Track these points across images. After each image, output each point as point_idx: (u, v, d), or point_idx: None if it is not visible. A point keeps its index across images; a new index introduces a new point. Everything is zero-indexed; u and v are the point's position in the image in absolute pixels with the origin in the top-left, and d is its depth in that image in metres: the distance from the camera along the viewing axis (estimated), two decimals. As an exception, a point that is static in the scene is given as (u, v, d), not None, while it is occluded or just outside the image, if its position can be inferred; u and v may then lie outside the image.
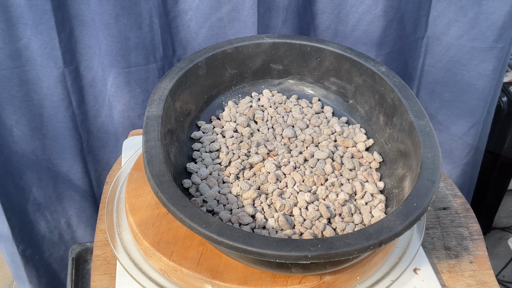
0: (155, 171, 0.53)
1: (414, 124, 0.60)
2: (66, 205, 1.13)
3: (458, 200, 0.78)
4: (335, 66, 0.71)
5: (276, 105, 0.74)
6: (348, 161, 0.66)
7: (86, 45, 0.93)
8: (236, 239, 0.47)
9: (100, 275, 0.65)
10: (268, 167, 0.64)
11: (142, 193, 0.66)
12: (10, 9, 0.84)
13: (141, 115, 1.02)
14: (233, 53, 0.71)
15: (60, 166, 1.07)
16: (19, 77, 0.92)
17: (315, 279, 0.56)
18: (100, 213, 0.73)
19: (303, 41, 0.71)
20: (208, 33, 0.95)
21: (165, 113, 0.61)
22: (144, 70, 0.97)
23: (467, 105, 1.09)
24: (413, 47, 1.05)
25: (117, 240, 0.63)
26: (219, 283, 0.55)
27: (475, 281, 0.65)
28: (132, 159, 0.76)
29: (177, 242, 0.59)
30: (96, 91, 1.00)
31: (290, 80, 0.76)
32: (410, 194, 0.52)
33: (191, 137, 0.69)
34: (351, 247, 0.47)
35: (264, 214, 0.59)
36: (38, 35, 0.88)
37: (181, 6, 0.92)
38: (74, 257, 0.82)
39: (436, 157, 0.56)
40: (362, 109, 0.71)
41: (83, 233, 1.19)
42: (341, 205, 0.60)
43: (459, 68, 1.05)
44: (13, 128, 0.97)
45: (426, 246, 0.69)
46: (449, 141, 1.16)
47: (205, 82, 0.71)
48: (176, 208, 0.50)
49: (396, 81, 0.65)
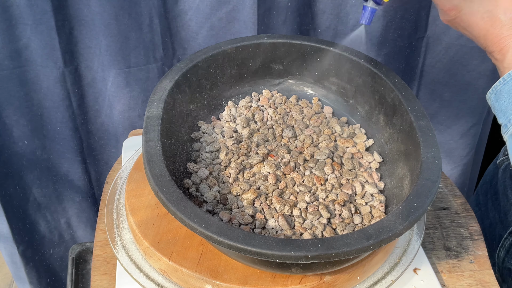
0: (155, 171, 0.53)
1: (414, 124, 0.60)
2: (66, 205, 1.13)
3: (458, 200, 0.78)
4: (335, 66, 0.71)
5: (276, 105, 0.74)
6: (348, 161, 0.66)
7: (86, 45, 0.93)
8: (236, 239, 0.47)
9: (100, 275, 0.65)
10: (268, 167, 0.64)
11: (142, 193, 0.66)
12: (10, 9, 0.84)
13: (141, 115, 1.02)
14: (233, 53, 0.71)
15: (60, 166, 1.07)
16: (19, 77, 0.92)
17: (315, 279, 0.56)
18: (100, 213, 0.73)
19: (303, 41, 0.71)
20: (208, 33, 0.95)
21: (165, 113, 0.61)
22: (144, 70, 0.97)
23: (467, 105, 1.09)
24: (413, 47, 1.05)
25: (117, 240, 0.63)
26: (219, 283, 0.55)
27: (475, 281, 0.65)
28: (132, 159, 0.76)
29: (177, 242, 0.59)
30: (96, 91, 0.99)
31: (290, 80, 0.76)
32: (410, 194, 0.52)
33: (191, 137, 0.69)
34: (351, 247, 0.47)
35: (264, 214, 0.59)
36: (38, 35, 0.88)
37: (181, 6, 0.92)
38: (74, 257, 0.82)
39: (436, 157, 0.56)
40: (362, 109, 0.71)
41: (83, 233, 1.19)
42: (341, 205, 0.60)
43: (459, 68, 1.05)
44: (13, 128, 0.97)
45: (426, 246, 0.69)
46: (449, 141, 1.16)
47: (205, 82, 0.71)
48: (176, 208, 0.50)
49: (396, 81, 0.65)
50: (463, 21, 0.60)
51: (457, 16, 0.60)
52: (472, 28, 0.60)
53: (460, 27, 0.62)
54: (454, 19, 0.60)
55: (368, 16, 0.63)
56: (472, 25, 0.60)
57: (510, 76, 0.58)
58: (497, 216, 0.84)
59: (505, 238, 0.81)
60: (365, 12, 0.63)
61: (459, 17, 0.60)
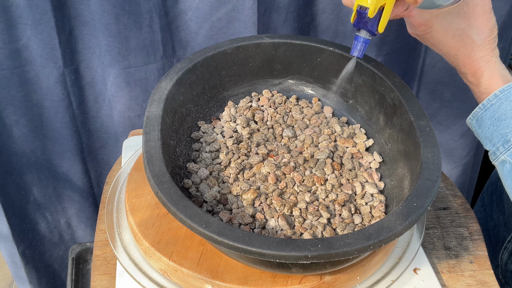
0: (155, 171, 0.53)
1: (414, 124, 0.60)
2: (66, 205, 1.13)
3: (458, 200, 0.78)
4: (335, 66, 0.71)
5: (276, 105, 0.74)
6: (348, 161, 0.66)
7: (86, 45, 0.93)
8: (236, 239, 0.47)
9: (100, 275, 0.65)
10: (268, 167, 0.64)
11: (142, 193, 0.66)
12: (10, 9, 0.84)
13: (141, 115, 1.02)
14: (233, 53, 0.71)
15: (60, 166, 1.07)
16: (19, 77, 0.92)
17: (315, 279, 0.56)
18: (100, 213, 0.73)
19: (303, 41, 0.71)
20: (208, 33, 0.95)
21: (165, 113, 0.61)
22: (144, 70, 0.97)
23: (467, 105, 1.09)
24: (413, 47, 1.05)
25: (117, 240, 0.63)
26: (219, 283, 0.55)
27: (475, 281, 0.65)
28: (132, 159, 0.76)
29: (177, 242, 0.59)
30: (96, 91, 1.00)
31: (290, 80, 0.76)
32: (410, 194, 0.52)
33: (191, 137, 0.69)
34: (351, 247, 0.47)
35: (264, 214, 0.59)
36: (38, 35, 0.88)
37: (181, 6, 0.92)
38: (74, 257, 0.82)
39: (436, 157, 0.56)
40: (362, 109, 0.71)
41: (83, 233, 1.19)
42: (341, 205, 0.60)
43: (459, 68, 1.05)
44: (13, 128, 0.97)
45: (426, 246, 0.69)
46: (449, 141, 1.16)
47: (205, 82, 0.71)
48: (176, 208, 0.50)
49: (396, 81, 0.65)
50: (432, 38, 0.57)
51: (427, 32, 0.57)
52: (442, 46, 0.57)
53: (428, 42, 0.58)
54: (424, 34, 0.57)
55: (361, 47, 0.57)
56: (443, 43, 0.57)
57: (490, 102, 0.56)
58: (501, 218, 0.84)
59: (508, 241, 0.81)
60: (358, 43, 0.56)
61: (429, 33, 0.57)
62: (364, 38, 0.56)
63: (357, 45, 0.57)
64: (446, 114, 1.12)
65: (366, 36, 0.56)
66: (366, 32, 0.56)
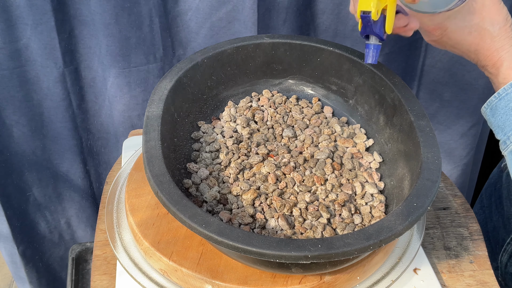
0: (155, 171, 0.53)
1: (414, 124, 0.60)
2: (66, 205, 1.13)
3: (458, 200, 0.78)
4: (335, 66, 0.71)
5: (276, 105, 0.74)
6: (348, 161, 0.66)
7: (86, 45, 0.93)
8: (236, 239, 0.47)
9: (100, 275, 0.65)
10: (268, 167, 0.64)
11: (142, 193, 0.66)
12: (10, 9, 0.84)
13: (141, 115, 1.02)
14: (233, 53, 0.71)
15: (60, 166, 1.07)
16: (19, 77, 0.92)
17: (315, 279, 0.56)
18: (100, 213, 0.73)
19: (303, 41, 0.71)
20: (208, 33, 0.95)
21: (165, 113, 0.61)
22: (144, 70, 0.97)
23: (467, 105, 1.09)
24: (413, 47, 1.05)
25: (117, 240, 0.63)
26: (219, 283, 0.55)
27: (475, 281, 0.65)
28: (132, 159, 0.76)
29: (177, 242, 0.59)
30: (96, 91, 1.00)
31: (290, 80, 0.76)
32: (410, 194, 0.52)
33: (191, 137, 0.69)
34: (351, 247, 0.47)
35: (264, 214, 0.59)
36: (38, 35, 0.88)
37: (181, 6, 0.92)
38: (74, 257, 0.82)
39: (436, 157, 0.56)
40: (362, 109, 0.71)
41: (83, 233, 1.19)
42: (341, 205, 0.60)
43: (459, 68, 1.05)
44: (13, 128, 0.97)
45: (426, 246, 0.69)
46: (449, 141, 1.16)
47: (205, 82, 0.71)
48: (176, 208, 0.50)
49: (396, 81, 0.65)
50: (450, 39, 0.57)
51: (443, 35, 0.57)
52: (461, 45, 0.57)
53: (447, 45, 0.59)
54: (441, 38, 0.58)
55: (373, 54, 0.57)
56: (461, 42, 0.57)
57: (505, 91, 0.56)
58: (500, 220, 0.84)
59: (507, 243, 0.80)
60: (369, 50, 0.57)
61: (445, 35, 0.57)
62: (374, 44, 0.57)
63: (369, 53, 0.57)
64: (446, 114, 1.12)
65: (376, 42, 0.57)
66: (375, 38, 0.57)
